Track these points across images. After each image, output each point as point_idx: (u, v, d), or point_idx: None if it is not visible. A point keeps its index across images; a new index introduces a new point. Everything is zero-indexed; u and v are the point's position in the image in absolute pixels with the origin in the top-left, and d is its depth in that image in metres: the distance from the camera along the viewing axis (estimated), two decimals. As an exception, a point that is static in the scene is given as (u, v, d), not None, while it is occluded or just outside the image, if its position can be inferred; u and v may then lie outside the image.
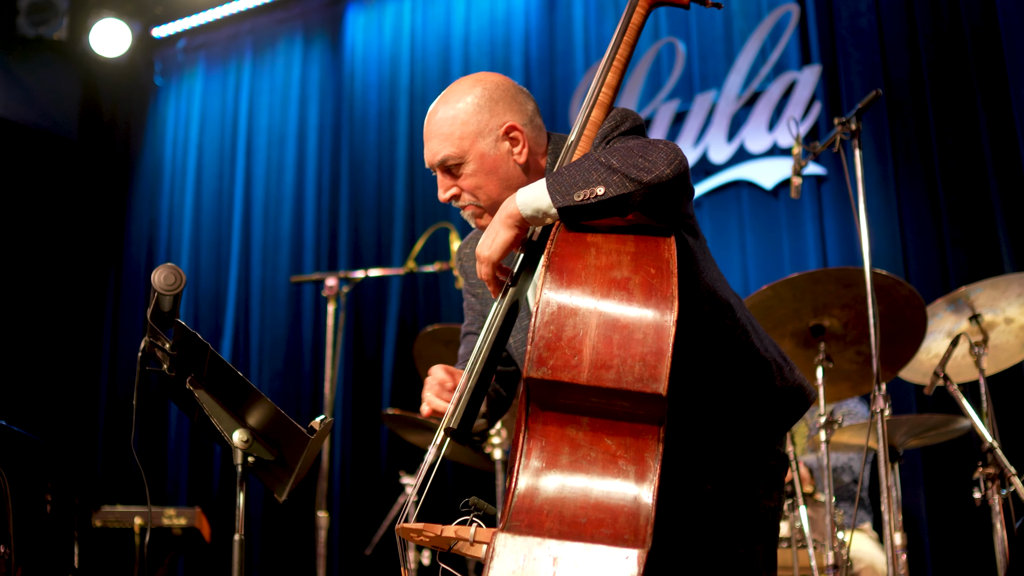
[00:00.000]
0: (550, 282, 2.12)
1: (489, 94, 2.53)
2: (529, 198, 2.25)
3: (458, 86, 2.58)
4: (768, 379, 2.50)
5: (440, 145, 2.53)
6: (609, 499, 2.01)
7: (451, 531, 2.19)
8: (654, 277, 2.11)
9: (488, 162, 2.51)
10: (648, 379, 2.02)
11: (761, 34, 6.56)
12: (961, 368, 4.30)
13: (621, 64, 2.48)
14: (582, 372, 2.04)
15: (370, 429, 7.24)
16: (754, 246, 6.38)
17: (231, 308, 8.01)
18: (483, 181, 2.52)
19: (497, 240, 2.29)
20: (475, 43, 7.58)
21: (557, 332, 2.07)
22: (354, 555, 6.80)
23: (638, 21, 2.51)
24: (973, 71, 5.83)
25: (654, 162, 2.18)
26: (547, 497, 2.03)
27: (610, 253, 2.16)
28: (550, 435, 2.09)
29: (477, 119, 2.51)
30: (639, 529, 1.97)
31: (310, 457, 2.84)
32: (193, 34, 8.74)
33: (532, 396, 2.10)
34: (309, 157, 8.03)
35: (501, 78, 2.59)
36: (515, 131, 2.52)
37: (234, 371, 2.74)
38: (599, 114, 2.44)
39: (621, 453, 2.05)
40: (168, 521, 5.24)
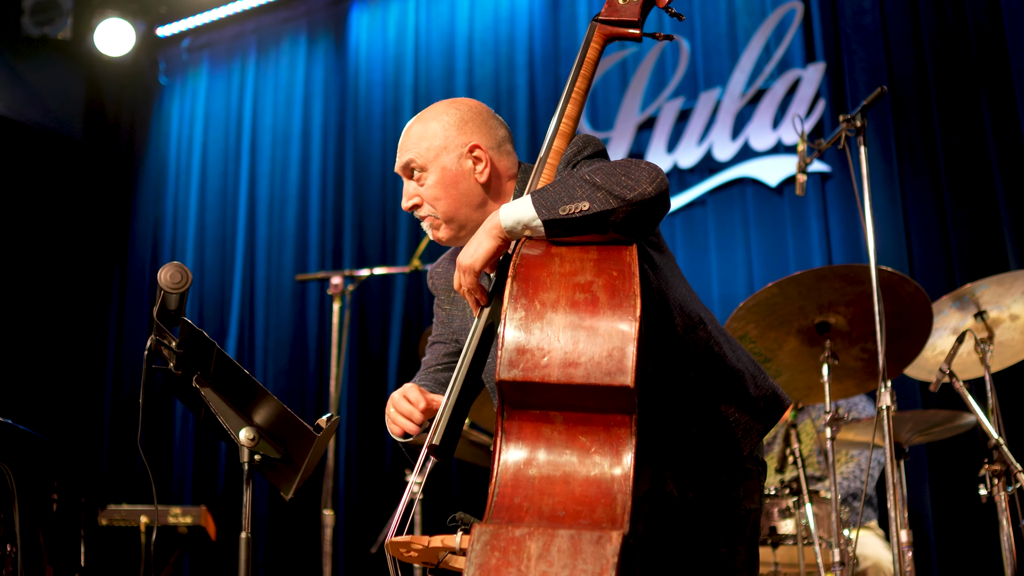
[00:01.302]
0: (517, 290, 2.20)
1: (461, 115, 2.70)
2: (513, 211, 2.34)
3: (435, 106, 2.76)
4: (741, 388, 2.57)
5: (406, 152, 2.70)
6: (586, 492, 2.07)
7: (438, 541, 2.23)
8: (616, 279, 2.19)
9: (448, 175, 2.66)
10: (616, 372, 2.09)
11: (765, 32, 6.56)
12: (967, 365, 4.29)
13: (580, 96, 2.61)
14: (552, 371, 2.11)
15: (375, 427, 7.24)
16: (759, 243, 6.38)
17: (236, 307, 8.02)
18: (441, 193, 2.66)
19: (480, 249, 2.37)
20: (479, 41, 7.58)
21: (526, 336, 2.14)
22: (360, 553, 6.81)
23: (593, 56, 2.63)
24: (977, 68, 5.83)
25: (637, 180, 2.28)
26: (526, 494, 2.09)
27: (573, 261, 2.25)
28: (526, 435, 2.15)
29: (444, 134, 2.67)
30: (616, 517, 2.03)
31: (316, 455, 2.85)
32: (197, 33, 8.75)
33: (505, 399, 2.16)
34: (313, 156, 8.03)
35: (476, 103, 2.76)
36: (479, 150, 2.67)
37: (241, 369, 2.75)
38: (561, 143, 2.57)
39: (595, 447, 2.12)
40: (174, 520, 5.24)
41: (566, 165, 2.54)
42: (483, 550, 2.00)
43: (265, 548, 7.39)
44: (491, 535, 2.01)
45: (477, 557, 1.99)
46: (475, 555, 2.00)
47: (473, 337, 2.43)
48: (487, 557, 1.99)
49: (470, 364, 2.43)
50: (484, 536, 2.01)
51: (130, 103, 8.96)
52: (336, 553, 6.93)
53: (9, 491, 3.75)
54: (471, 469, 6.38)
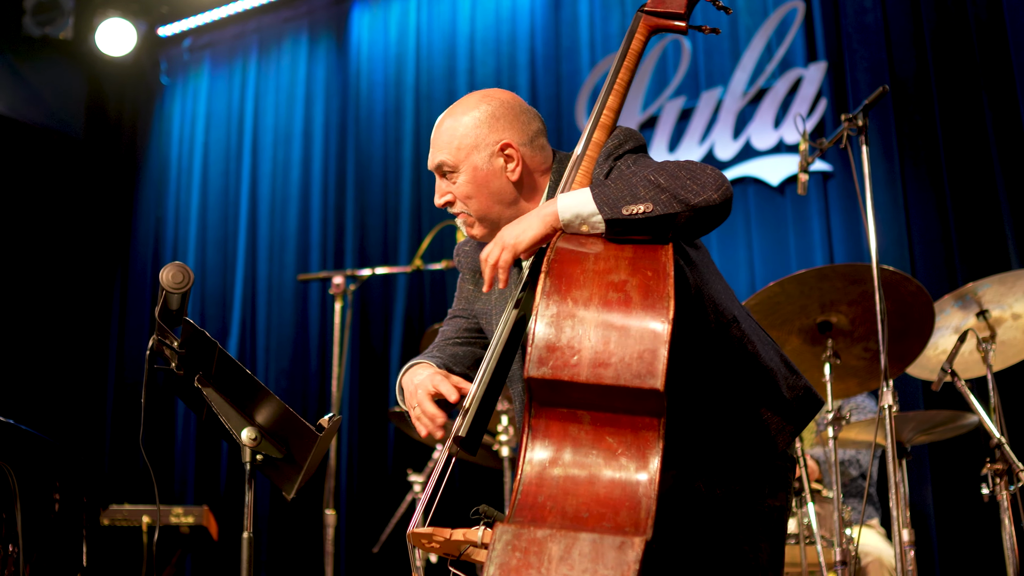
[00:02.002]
0: (549, 286, 2.17)
1: (492, 111, 2.63)
2: (572, 203, 2.29)
3: (467, 99, 2.68)
4: (774, 388, 2.53)
5: (438, 151, 2.64)
6: (610, 494, 2.06)
7: (460, 535, 2.23)
8: (651, 279, 2.16)
9: (480, 175, 2.60)
10: (646, 375, 2.07)
11: (767, 31, 6.55)
12: (968, 364, 4.29)
13: (622, 88, 2.55)
14: (581, 371, 2.09)
15: (377, 427, 7.25)
16: (760, 243, 6.38)
17: (237, 307, 8.02)
18: (473, 192, 2.61)
19: (528, 232, 2.32)
20: (480, 41, 7.57)
21: (556, 333, 2.12)
22: (362, 553, 6.81)
23: (637, 47, 2.58)
24: (979, 66, 5.82)
25: (703, 185, 2.24)
26: (550, 493, 2.08)
27: (608, 259, 2.22)
28: (552, 433, 2.13)
29: (476, 133, 2.60)
30: (640, 522, 2.01)
31: (318, 455, 2.85)
32: (199, 33, 8.76)
33: (534, 396, 2.14)
34: (315, 156, 8.03)
35: (509, 96, 2.68)
36: (510, 149, 2.60)
37: (243, 369, 2.75)
38: (601, 135, 2.51)
39: (622, 449, 2.10)
40: (176, 520, 5.24)
41: (607, 157, 2.50)
42: (504, 550, 1.99)
43: (268, 548, 7.39)
44: (513, 535, 2.00)
45: (498, 556, 1.99)
46: (496, 554, 1.99)
47: (504, 329, 2.41)
48: (508, 557, 1.98)
49: (500, 356, 2.40)
50: (506, 536, 2.00)
51: (132, 103, 8.97)
52: (338, 553, 6.93)
53: (11, 491, 3.75)
54: (475, 467, 6.38)
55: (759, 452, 2.52)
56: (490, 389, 2.40)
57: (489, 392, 2.40)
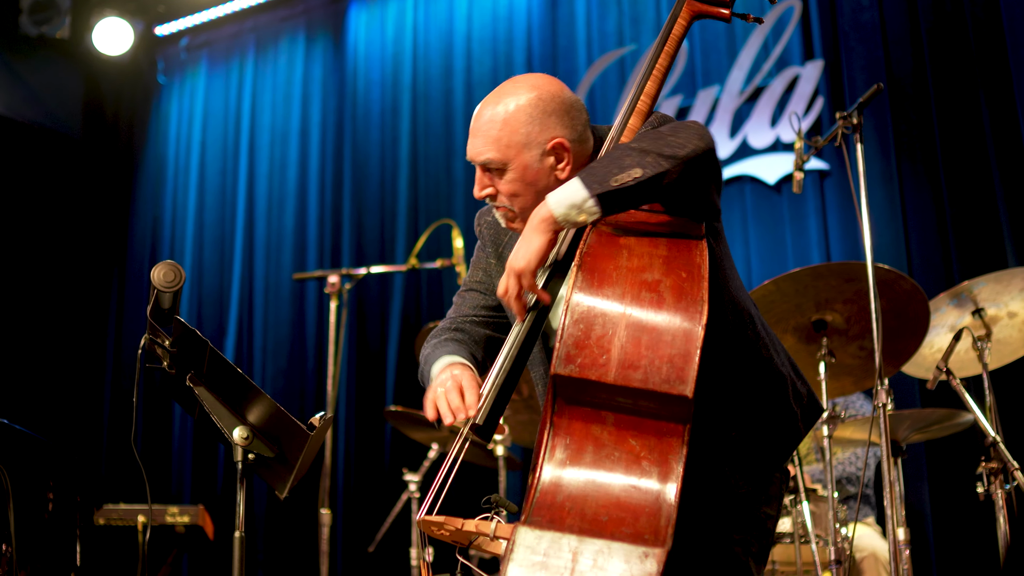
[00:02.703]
0: (581, 282, 2.13)
1: (544, 105, 2.48)
2: (562, 196, 2.22)
3: (514, 86, 2.53)
4: (783, 394, 2.48)
5: (485, 146, 2.49)
6: (631, 499, 2.03)
7: (472, 525, 2.18)
8: (685, 281, 2.12)
9: (530, 174, 2.48)
10: (675, 381, 2.03)
11: (763, 29, 6.54)
12: (964, 363, 4.28)
13: (660, 74, 2.47)
14: (610, 371, 2.05)
15: (374, 426, 7.24)
16: (757, 241, 6.37)
17: (234, 306, 8.01)
18: (521, 190, 2.49)
19: (531, 249, 2.24)
20: (477, 40, 7.57)
21: (586, 331, 2.08)
22: (359, 552, 6.80)
23: (679, 33, 2.50)
24: (976, 65, 5.82)
25: (687, 138, 2.20)
26: (569, 494, 2.04)
27: (642, 256, 2.17)
28: (575, 432, 2.10)
29: (527, 129, 2.46)
30: (660, 530, 1.98)
31: (310, 454, 2.84)
32: (195, 32, 8.74)
33: (559, 393, 2.11)
34: (312, 155, 8.03)
35: (559, 87, 2.53)
36: (563, 149, 2.48)
37: (234, 368, 2.74)
38: (637, 122, 2.42)
39: (645, 453, 2.06)
40: (171, 519, 5.22)
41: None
42: (522, 552, 1.96)
43: (264, 547, 7.39)
44: (533, 538, 1.97)
45: (516, 558, 1.96)
46: (514, 556, 1.96)
47: (525, 325, 2.35)
48: (526, 559, 1.96)
49: (521, 345, 2.35)
50: (526, 538, 1.97)
51: (129, 102, 8.96)
52: (335, 552, 6.93)
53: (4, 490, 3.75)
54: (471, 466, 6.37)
55: (763, 459, 2.48)
56: (509, 378, 2.36)
57: (508, 381, 2.35)
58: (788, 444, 2.52)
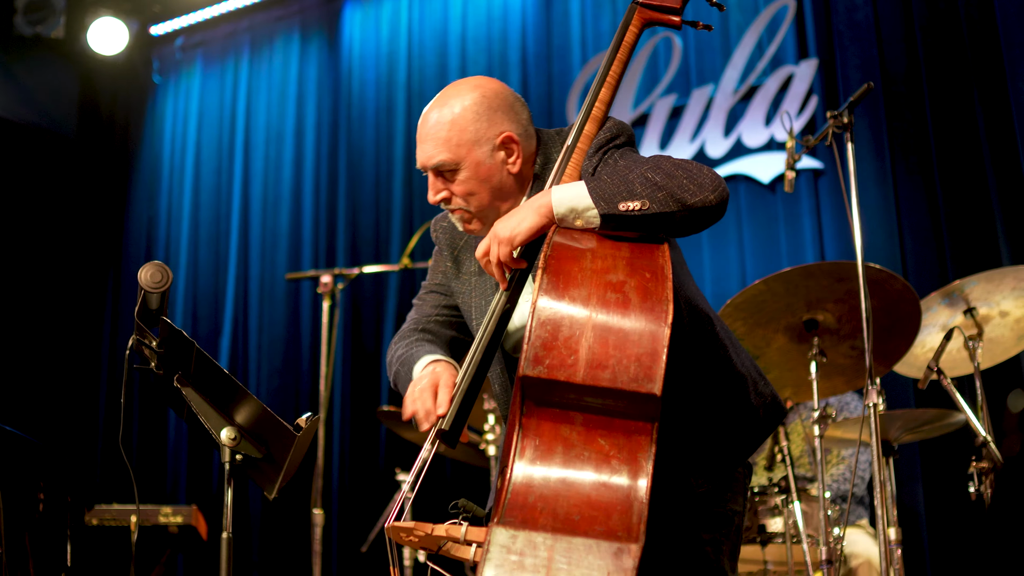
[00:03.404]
0: (547, 284, 2.14)
1: (488, 102, 2.53)
2: (567, 197, 2.26)
3: (456, 89, 2.57)
4: (743, 393, 2.52)
5: (436, 150, 2.52)
6: (602, 497, 2.04)
7: (442, 530, 2.20)
8: (649, 281, 2.15)
9: (483, 171, 2.51)
10: (643, 379, 2.05)
11: (758, 28, 6.54)
12: (956, 362, 4.28)
13: (614, 80, 2.51)
14: (578, 371, 2.07)
15: (368, 426, 7.23)
16: (751, 240, 6.37)
17: (230, 305, 8.01)
18: (476, 188, 2.52)
19: (523, 224, 2.28)
20: (472, 39, 7.56)
21: (553, 332, 2.10)
22: (352, 552, 6.80)
23: (631, 40, 2.54)
24: (970, 64, 5.81)
25: (700, 186, 2.24)
26: (541, 494, 2.05)
27: (606, 258, 2.19)
28: (544, 433, 2.11)
29: (475, 127, 2.51)
30: (632, 527, 1.99)
31: (298, 454, 2.83)
32: (191, 32, 8.74)
33: (527, 394, 2.12)
34: (307, 154, 8.02)
35: (500, 85, 2.59)
36: (512, 142, 2.52)
37: (221, 369, 2.74)
38: (592, 128, 2.47)
39: (614, 452, 2.08)
40: (164, 519, 5.23)
41: (597, 150, 2.46)
42: (499, 552, 1.97)
43: (258, 547, 7.38)
44: (508, 537, 1.98)
45: (493, 559, 1.97)
46: (491, 557, 1.97)
47: (488, 324, 2.37)
48: (503, 560, 1.97)
49: (485, 349, 2.37)
50: (501, 538, 1.98)
51: (124, 102, 8.94)
52: (330, 552, 6.93)
53: (-6, 491, 3.74)
54: (463, 465, 6.37)
55: (726, 456, 2.52)
56: (474, 383, 2.38)
57: (472, 385, 2.38)
58: (750, 442, 2.56)
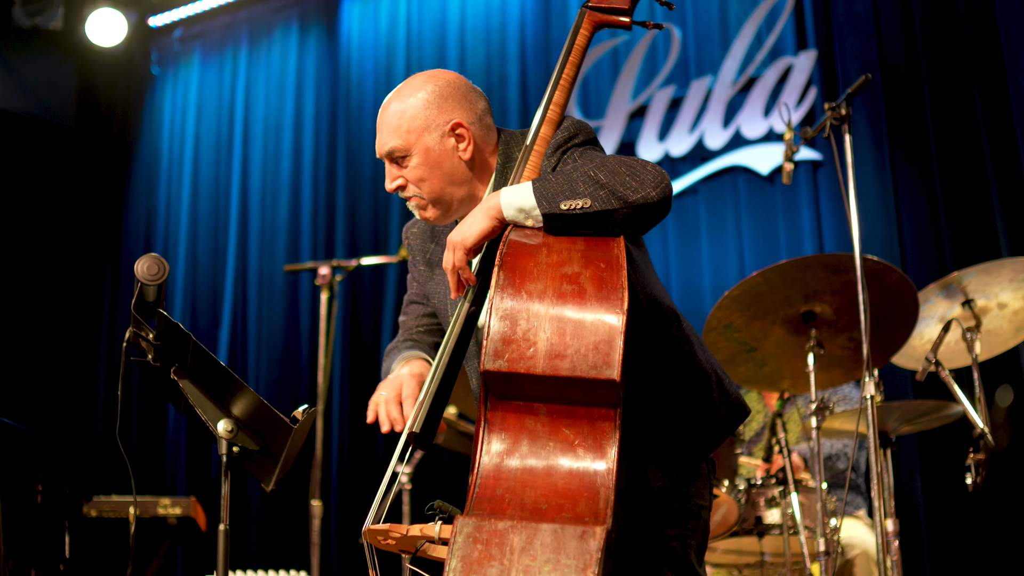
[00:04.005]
0: (503, 280, 2.18)
1: (440, 91, 2.60)
2: (513, 197, 2.31)
3: (411, 81, 2.66)
4: (707, 391, 2.56)
5: (388, 137, 2.60)
6: (569, 485, 2.07)
7: (416, 530, 2.22)
8: (604, 271, 2.18)
9: (432, 156, 2.58)
10: (602, 366, 2.09)
11: (757, 19, 6.53)
12: (955, 353, 4.28)
13: (568, 83, 2.57)
14: (537, 363, 2.10)
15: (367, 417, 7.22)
16: (750, 232, 6.37)
17: (229, 297, 8.00)
18: (426, 174, 2.58)
19: (474, 227, 2.34)
20: (471, 31, 7.56)
21: (512, 326, 2.13)
22: (351, 543, 6.81)
23: (582, 43, 2.59)
24: (969, 55, 5.81)
25: (642, 182, 2.27)
26: (508, 486, 2.09)
27: (561, 251, 2.24)
28: (509, 426, 2.15)
29: (425, 114, 2.57)
30: (599, 512, 2.03)
31: (295, 447, 2.84)
32: (189, 23, 8.72)
33: (490, 389, 2.15)
34: (306, 146, 8.02)
35: (454, 76, 2.66)
36: (461, 128, 2.58)
37: (217, 361, 2.75)
38: (548, 131, 2.52)
39: (579, 440, 2.11)
40: (163, 511, 5.23)
41: (555, 150, 2.50)
42: (465, 542, 1.99)
43: (258, 538, 7.39)
44: (474, 527, 2.00)
45: (460, 549, 1.99)
46: (457, 547, 1.99)
47: (455, 324, 2.41)
48: (470, 549, 1.99)
49: (453, 350, 2.41)
50: (467, 528, 2.00)
51: (122, 94, 8.93)
52: (330, 543, 6.94)
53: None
54: (461, 459, 6.37)
55: (689, 451, 2.55)
56: (443, 384, 2.41)
57: (442, 387, 2.41)
58: (711, 438, 2.59)
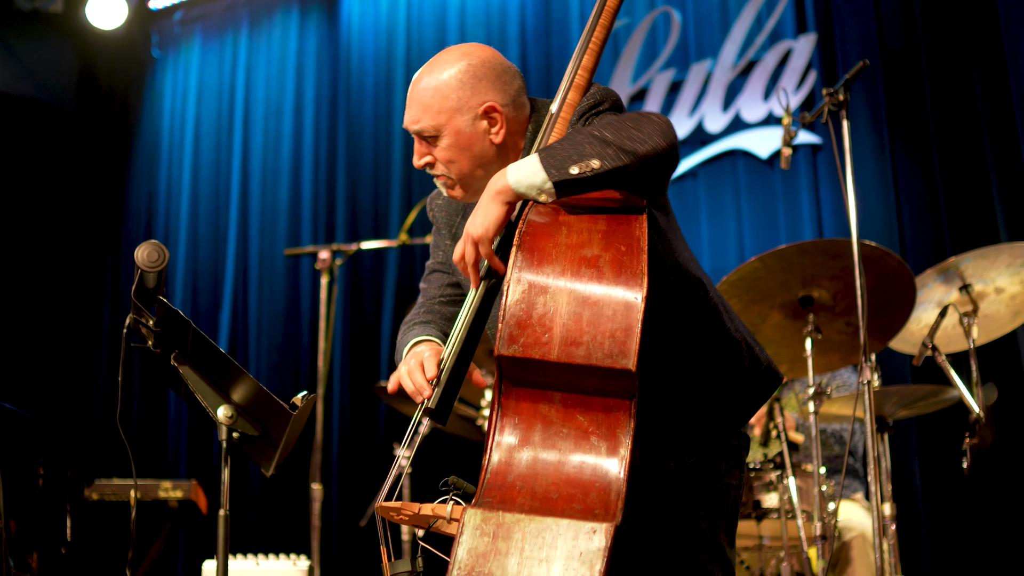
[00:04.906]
0: (521, 261, 2.13)
1: (474, 71, 2.51)
2: (521, 174, 2.23)
3: (446, 56, 2.56)
4: (738, 359, 2.51)
5: (420, 114, 2.53)
6: (581, 475, 2.03)
7: (429, 509, 2.19)
8: (624, 255, 2.12)
9: (463, 139, 2.50)
10: (618, 355, 2.03)
11: (757, 3, 6.52)
12: (952, 338, 4.29)
13: (597, 47, 2.48)
14: (552, 349, 2.05)
15: (368, 400, 7.26)
16: (750, 216, 6.37)
17: (229, 281, 8.01)
18: (456, 156, 2.52)
19: (489, 217, 2.26)
20: (471, 13, 7.55)
21: (528, 310, 2.08)
22: (351, 526, 6.84)
23: (614, 4, 2.50)
24: (969, 40, 5.80)
25: (649, 134, 2.20)
26: (519, 473, 2.06)
27: (581, 232, 2.17)
28: (523, 412, 2.11)
29: (458, 95, 2.49)
30: (609, 504, 1.99)
31: (294, 432, 2.87)
32: (189, 6, 8.70)
33: (504, 374, 2.11)
34: (306, 129, 8.01)
35: (490, 53, 2.57)
36: (495, 112, 2.50)
37: (217, 348, 2.76)
38: (575, 96, 2.44)
39: (593, 429, 2.07)
40: (164, 494, 5.25)
41: (579, 118, 2.43)
42: (472, 534, 1.97)
43: (258, 521, 7.42)
44: (482, 519, 1.98)
45: (467, 540, 1.97)
46: (464, 538, 1.97)
47: (473, 299, 2.36)
48: (476, 542, 1.97)
49: (470, 326, 2.36)
50: (474, 519, 1.98)
51: (123, 77, 8.91)
52: (329, 526, 6.96)
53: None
54: (461, 442, 6.40)
55: (720, 426, 2.52)
56: (460, 360, 2.37)
57: (459, 363, 2.37)
58: (745, 408, 2.55)
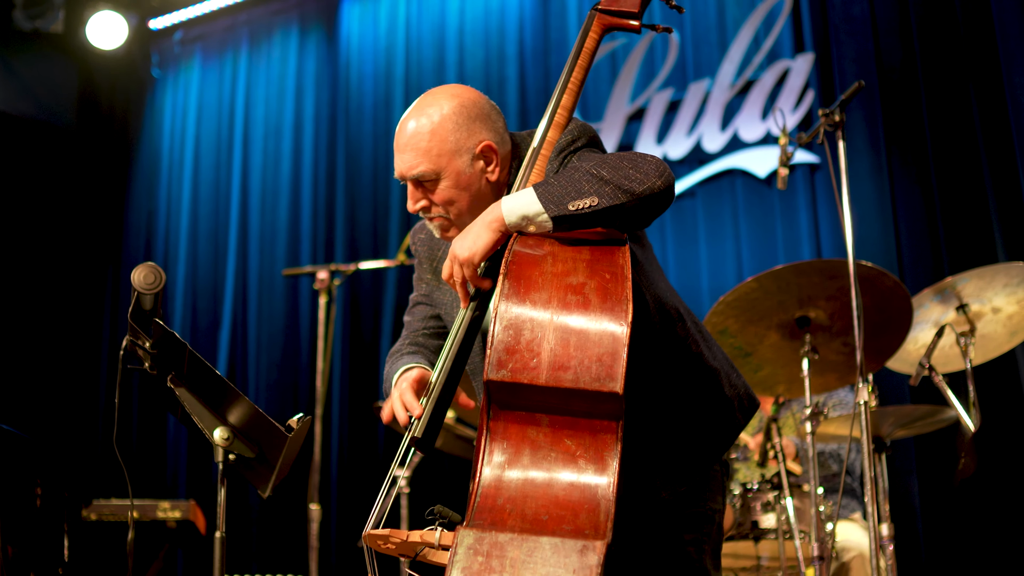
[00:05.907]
0: (508, 289, 2.17)
1: (467, 111, 2.53)
2: (516, 206, 2.27)
3: (433, 98, 2.57)
4: (717, 388, 2.54)
5: (416, 159, 2.52)
6: (570, 497, 2.06)
7: (416, 536, 2.21)
8: (609, 282, 2.17)
9: (463, 180, 2.52)
10: (605, 378, 2.08)
11: (754, 22, 6.55)
12: (949, 358, 4.30)
13: (576, 86, 2.51)
14: (541, 373, 2.09)
15: (366, 421, 7.25)
16: (748, 235, 6.38)
17: (229, 300, 8.03)
18: (456, 196, 2.53)
19: (479, 242, 2.29)
20: (469, 33, 7.57)
21: (515, 336, 2.12)
22: (349, 547, 6.83)
23: (591, 46, 2.53)
24: (966, 58, 5.82)
25: (646, 173, 2.24)
26: (509, 496, 2.08)
27: (566, 261, 2.22)
28: (511, 436, 2.14)
29: (455, 137, 2.51)
30: (599, 524, 2.02)
31: (290, 454, 2.87)
32: (189, 26, 8.75)
33: (492, 398, 2.14)
34: (305, 148, 8.04)
35: (476, 94, 2.60)
36: (491, 151, 2.53)
37: (213, 370, 2.77)
38: (555, 134, 2.47)
39: (580, 452, 2.10)
40: (162, 514, 5.24)
41: (558, 154, 2.46)
42: (466, 554, 1.99)
43: (257, 541, 7.41)
44: (475, 539, 2.00)
45: (460, 561, 1.99)
46: (458, 559, 1.99)
47: (459, 331, 2.39)
48: (470, 561, 1.98)
49: (455, 355, 2.39)
50: (467, 540, 2.00)
51: (123, 96, 8.95)
52: (328, 546, 6.95)
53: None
54: (459, 463, 6.39)
55: (703, 454, 2.54)
56: (445, 389, 2.39)
57: (444, 392, 2.39)
58: (726, 436, 2.58)
